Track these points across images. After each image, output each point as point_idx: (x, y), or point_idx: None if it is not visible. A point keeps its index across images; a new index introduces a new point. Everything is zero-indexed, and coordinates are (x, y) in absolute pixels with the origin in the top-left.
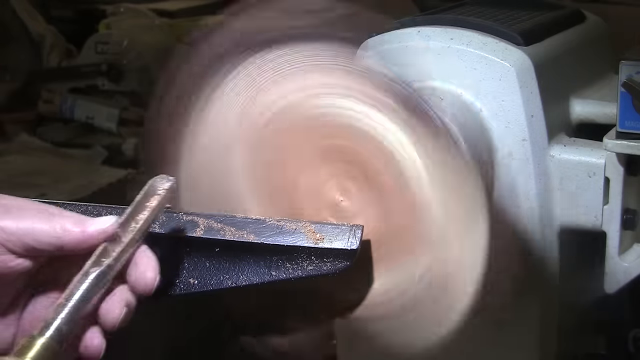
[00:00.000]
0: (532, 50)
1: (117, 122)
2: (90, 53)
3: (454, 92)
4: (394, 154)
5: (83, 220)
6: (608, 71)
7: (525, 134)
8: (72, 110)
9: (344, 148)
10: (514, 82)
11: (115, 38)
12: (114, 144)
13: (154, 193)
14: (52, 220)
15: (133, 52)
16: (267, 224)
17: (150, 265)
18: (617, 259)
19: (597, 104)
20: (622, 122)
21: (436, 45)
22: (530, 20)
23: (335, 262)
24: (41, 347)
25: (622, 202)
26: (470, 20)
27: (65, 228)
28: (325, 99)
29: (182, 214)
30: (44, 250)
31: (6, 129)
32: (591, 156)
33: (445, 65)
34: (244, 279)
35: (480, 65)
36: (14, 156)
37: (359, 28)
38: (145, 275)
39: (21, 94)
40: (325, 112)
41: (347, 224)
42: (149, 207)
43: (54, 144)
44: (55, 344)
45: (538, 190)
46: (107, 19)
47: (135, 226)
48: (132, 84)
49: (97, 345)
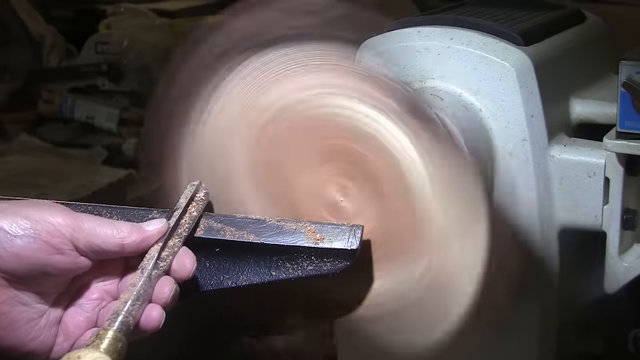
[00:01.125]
0: (532, 50)
1: (117, 122)
2: (90, 53)
3: (454, 92)
4: (395, 154)
5: (136, 224)
6: (608, 71)
7: (525, 134)
8: (72, 110)
9: (344, 148)
10: (514, 82)
11: (115, 38)
12: (114, 144)
13: (194, 198)
14: (113, 224)
15: (133, 52)
16: (267, 224)
17: (189, 257)
18: (617, 259)
19: (597, 104)
20: (622, 122)
21: (436, 45)
22: (530, 20)
23: (335, 262)
24: (112, 338)
25: (622, 202)
26: (470, 20)
27: (128, 229)
28: (325, 99)
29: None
30: (108, 251)
31: (6, 129)
32: (591, 156)
33: (445, 65)
34: (244, 279)
35: (480, 65)
36: (14, 156)
37: (359, 28)
38: (185, 263)
39: (21, 94)
40: (325, 112)
41: (347, 224)
42: (189, 212)
43: (54, 144)
44: (122, 335)
45: (538, 190)
46: (107, 19)
47: (180, 230)
48: (132, 84)
49: (156, 316)
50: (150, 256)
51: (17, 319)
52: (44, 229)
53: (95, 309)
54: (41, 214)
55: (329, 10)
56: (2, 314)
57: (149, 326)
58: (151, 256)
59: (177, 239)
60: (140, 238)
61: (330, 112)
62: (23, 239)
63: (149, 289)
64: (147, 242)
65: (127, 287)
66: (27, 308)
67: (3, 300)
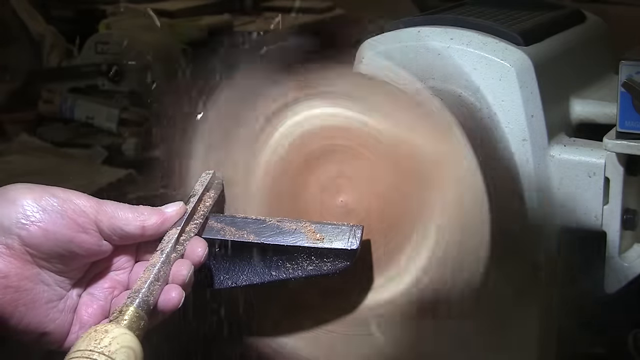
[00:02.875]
0: (532, 50)
1: (117, 122)
2: (90, 53)
3: (454, 92)
4: (395, 154)
5: (155, 207)
6: (608, 71)
7: (525, 134)
8: (72, 110)
9: (344, 148)
10: (514, 82)
11: (115, 38)
12: (114, 144)
13: (210, 187)
14: (134, 208)
15: (133, 52)
16: (267, 224)
17: (201, 243)
18: (617, 259)
19: (597, 104)
20: (622, 122)
21: (436, 45)
22: (530, 20)
23: (335, 262)
24: (132, 314)
25: (622, 202)
26: (470, 20)
27: (148, 212)
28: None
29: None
30: (129, 234)
31: (6, 129)
32: (591, 156)
33: (445, 65)
34: (244, 279)
35: (480, 65)
36: (14, 156)
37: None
38: (197, 250)
39: (21, 94)
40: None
41: (347, 224)
42: (205, 200)
43: (54, 144)
44: (142, 312)
45: (538, 190)
46: (107, 19)
47: (196, 216)
48: (132, 84)
49: (175, 296)
50: (169, 238)
51: (38, 297)
52: (70, 207)
53: (108, 298)
54: (67, 194)
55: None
56: (25, 290)
57: (168, 305)
58: (170, 238)
59: (192, 224)
60: (160, 220)
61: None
62: (51, 215)
63: (168, 270)
64: (166, 224)
65: (147, 268)
66: (48, 288)
67: (27, 276)
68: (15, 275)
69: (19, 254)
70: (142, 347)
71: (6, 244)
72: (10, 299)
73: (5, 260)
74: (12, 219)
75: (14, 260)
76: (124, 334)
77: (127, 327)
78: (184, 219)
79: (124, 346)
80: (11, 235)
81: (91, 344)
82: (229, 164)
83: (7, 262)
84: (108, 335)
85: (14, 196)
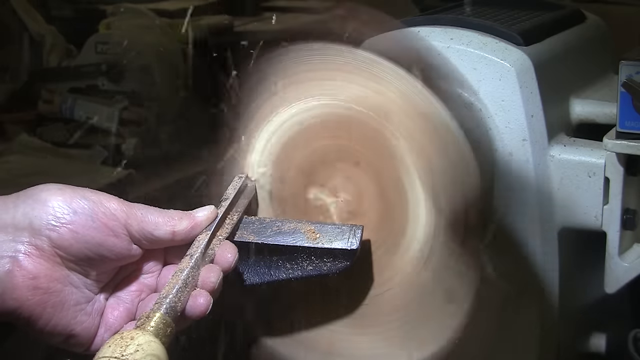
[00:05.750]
0: (532, 50)
1: (117, 122)
2: (90, 53)
3: (454, 92)
4: (397, 155)
5: (186, 212)
6: (608, 71)
7: (525, 134)
8: (72, 110)
9: (345, 147)
10: (514, 82)
11: (115, 38)
12: (114, 144)
13: (242, 191)
14: (164, 212)
15: (133, 52)
16: (267, 224)
17: (231, 248)
18: (617, 259)
19: (597, 104)
20: (622, 122)
21: (436, 45)
22: (530, 20)
23: (335, 262)
24: (159, 319)
25: (622, 202)
26: (470, 20)
27: (179, 216)
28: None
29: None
30: (159, 239)
31: (6, 129)
32: (591, 156)
33: (445, 65)
34: (243, 278)
35: (480, 65)
36: (14, 156)
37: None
38: (227, 256)
39: (21, 94)
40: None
41: (347, 224)
42: (237, 205)
43: (54, 144)
44: (169, 318)
45: (538, 190)
46: (107, 19)
47: (227, 221)
48: (132, 84)
49: (202, 302)
50: (199, 243)
51: (66, 299)
52: (101, 210)
53: (135, 301)
54: (98, 197)
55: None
56: (53, 292)
57: (196, 312)
58: (200, 243)
59: (223, 229)
60: (191, 225)
61: (333, 112)
62: (81, 217)
63: (197, 276)
64: (196, 229)
65: (175, 273)
66: (76, 290)
67: (56, 277)
68: (44, 276)
69: (49, 256)
70: (167, 355)
71: (36, 245)
72: (39, 300)
73: (35, 261)
74: (42, 220)
75: (43, 262)
76: (150, 341)
77: (154, 334)
78: (215, 223)
79: (150, 354)
80: (41, 237)
81: (117, 350)
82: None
83: (36, 263)
84: (134, 342)
85: (45, 197)
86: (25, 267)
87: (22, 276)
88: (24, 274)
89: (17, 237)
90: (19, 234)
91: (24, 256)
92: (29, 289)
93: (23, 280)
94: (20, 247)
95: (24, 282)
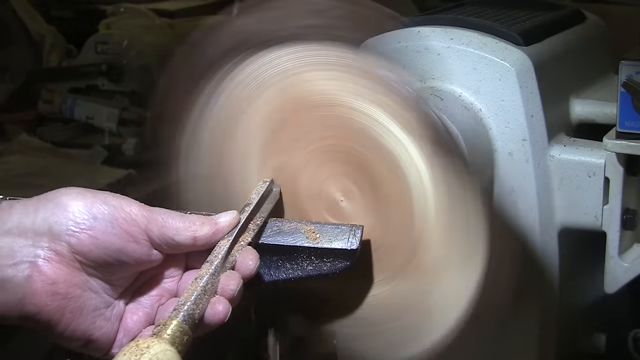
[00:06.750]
0: (532, 50)
1: (117, 122)
2: (90, 53)
3: (454, 92)
4: (407, 175)
5: (208, 217)
6: (608, 71)
7: (525, 134)
8: (72, 110)
9: (347, 149)
10: (513, 82)
11: (115, 38)
12: (114, 144)
13: (266, 196)
14: (185, 216)
15: (133, 52)
16: (267, 224)
17: (253, 255)
18: (617, 259)
19: (597, 104)
20: (622, 122)
21: (436, 45)
22: (530, 20)
23: (335, 262)
24: (175, 327)
25: (622, 202)
26: (470, 20)
27: (200, 222)
28: (329, 97)
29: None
30: (180, 244)
31: (6, 129)
32: (591, 156)
33: (445, 65)
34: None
35: (480, 65)
36: (14, 156)
37: (362, 27)
38: (248, 262)
39: (21, 94)
40: (329, 111)
41: (347, 224)
42: (261, 210)
43: (54, 144)
44: (186, 326)
45: (538, 190)
46: (107, 19)
47: (250, 226)
48: (132, 84)
49: (221, 310)
50: (220, 249)
51: (85, 304)
52: (121, 216)
53: (154, 305)
54: (118, 201)
55: (332, 9)
56: (72, 297)
57: (214, 320)
58: (220, 250)
59: (246, 234)
60: (213, 231)
61: (333, 112)
62: (101, 223)
63: (216, 283)
64: (218, 235)
65: (194, 280)
66: (95, 295)
67: (75, 283)
68: (63, 282)
69: (68, 261)
70: None
71: (55, 250)
72: (58, 305)
73: (54, 266)
74: (62, 226)
75: (62, 267)
76: (166, 350)
77: (170, 342)
78: (237, 228)
79: None
80: (60, 242)
81: (131, 359)
82: None
83: (56, 268)
84: (149, 351)
85: (65, 201)
86: (44, 273)
87: (41, 281)
88: (43, 280)
89: (36, 242)
90: (39, 239)
91: (43, 261)
92: (48, 294)
93: (42, 285)
94: (39, 252)
95: (43, 287)
